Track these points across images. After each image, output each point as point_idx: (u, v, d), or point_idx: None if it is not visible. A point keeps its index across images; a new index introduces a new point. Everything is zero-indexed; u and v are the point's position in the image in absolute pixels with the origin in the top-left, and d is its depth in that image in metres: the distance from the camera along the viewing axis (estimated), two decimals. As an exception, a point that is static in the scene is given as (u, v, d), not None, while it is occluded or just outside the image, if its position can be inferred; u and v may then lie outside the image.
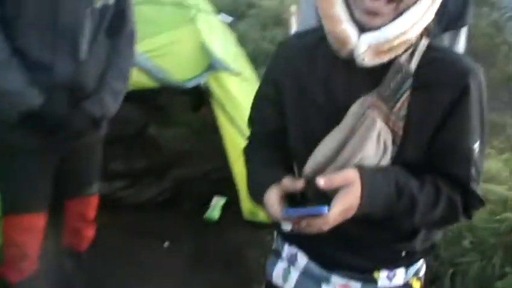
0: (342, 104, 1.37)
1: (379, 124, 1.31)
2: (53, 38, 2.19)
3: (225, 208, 4.05)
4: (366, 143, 1.31)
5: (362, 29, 1.30)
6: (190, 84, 3.23)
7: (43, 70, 2.20)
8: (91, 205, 2.78)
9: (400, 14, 1.28)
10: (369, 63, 1.31)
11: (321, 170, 1.35)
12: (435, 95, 1.36)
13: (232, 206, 3.93)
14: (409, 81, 1.33)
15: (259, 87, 1.66)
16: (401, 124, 1.34)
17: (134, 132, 4.28)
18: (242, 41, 6.95)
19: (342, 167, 1.31)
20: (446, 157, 1.39)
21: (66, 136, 2.33)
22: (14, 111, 2.17)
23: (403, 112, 1.34)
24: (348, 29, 1.30)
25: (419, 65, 1.35)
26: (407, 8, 1.28)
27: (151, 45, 3.15)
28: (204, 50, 3.29)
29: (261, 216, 3.62)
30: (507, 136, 5.19)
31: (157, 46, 3.17)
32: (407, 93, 1.33)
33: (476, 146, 1.38)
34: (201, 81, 3.28)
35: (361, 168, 1.30)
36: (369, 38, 1.29)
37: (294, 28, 5.91)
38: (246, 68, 4.08)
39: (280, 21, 7.93)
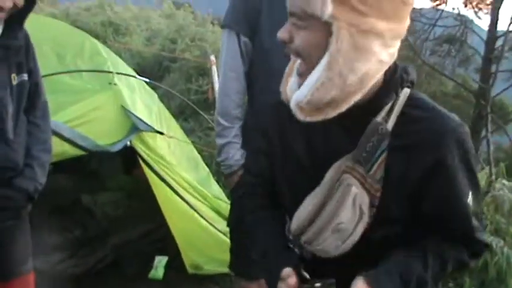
0: (322, 164, 1.37)
1: (354, 189, 1.30)
2: None
3: (168, 266, 4.03)
4: (341, 208, 1.30)
5: None
6: (116, 148, 3.23)
7: None
8: (29, 284, 2.72)
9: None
10: (307, 119, 1.29)
11: (304, 229, 1.35)
12: (414, 156, 1.32)
13: (174, 262, 3.94)
14: (386, 142, 1.31)
15: (252, 138, 1.70)
16: (379, 186, 1.32)
17: (68, 202, 4.23)
18: (168, 96, 7.03)
19: (321, 230, 1.31)
20: (442, 217, 1.37)
21: (4, 217, 2.33)
22: None
23: (380, 174, 1.32)
24: (288, 87, 1.39)
25: (397, 124, 1.32)
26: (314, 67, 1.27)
27: (73, 114, 3.15)
28: (126, 113, 3.31)
29: (205, 268, 3.64)
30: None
31: (79, 114, 3.17)
32: (385, 154, 1.32)
33: (469, 199, 1.36)
34: (127, 143, 3.29)
35: (367, 276, 1.31)
36: (294, 97, 1.31)
37: (215, 78, 6.01)
38: (171, 125, 4.12)
39: (204, 71, 8.03)
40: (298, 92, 1.29)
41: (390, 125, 1.32)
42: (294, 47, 1.28)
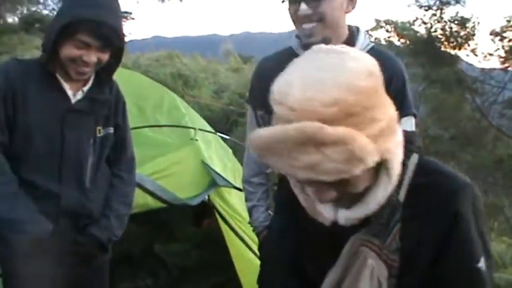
0: (342, 241, 1.38)
1: (371, 261, 1.32)
2: (59, 169, 2.31)
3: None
4: (359, 281, 1.32)
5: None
6: (195, 202, 3.34)
7: (51, 199, 2.30)
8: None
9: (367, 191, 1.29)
10: (349, 224, 1.33)
11: None
12: (428, 223, 1.33)
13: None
14: (399, 213, 1.33)
15: (276, 221, 1.70)
16: (395, 256, 1.33)
17: (140, 251, 4.34)
18: (237, 150, 7.16)
19: None
20: (455, 282, 1.35)
21: (75, 262, 2.38)
22: (25, 240, 2.22)
23: (396, 245, 1.33)
24: (320, 210, 1.36)
25: (407, 194, 1.33)
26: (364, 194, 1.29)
27: (155, 168, 3.28)
28: (205, 168, 3.42)
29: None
30: (506, 218, 5.22)
31: (161, 168, 3.30)
32: (398, 225, 1.33)
33: (481, 263, 1.32)
34: (205, 198, 3.39)
35: None
36: (346, 214, 1.32)
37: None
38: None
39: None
40: (351, 212, 1.32)
41: (402, 195, 1.33)
42: (349, 192, 1.26)
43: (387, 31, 15.58)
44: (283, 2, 2.15)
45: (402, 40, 14.79)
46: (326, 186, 1.21)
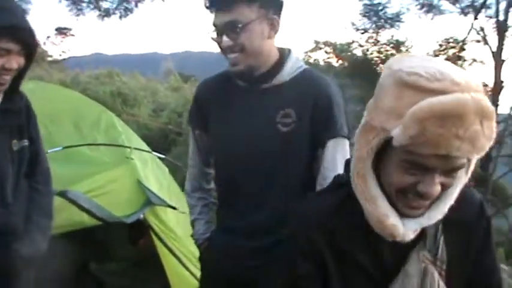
0: (390, 271, 1.43)
1: (436, 276, 1.42)
2: None
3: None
4: None
5: (401, 214, 1.37)
6: (130, 220, 3.36)
7: None
8: None
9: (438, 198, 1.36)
10: (410, 239, 1.39)
11: None
12: (464, 232, 1.47)
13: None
14: (440, 226, 1.44)
15: (294, 264, 1.54)
16: (444, 266, 1.44)
17: (76, 270, 4.31)
18: (174, 169, 7.17)
19: None
20: (491, 273, 1.54)
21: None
22: None
23: (444, 256, 1.44)
24: (396, 223, 1.36)
25: None
26: (447, 192, 1.36)
27: (91, 185, 3.30)
28: (141, 187, 3.46)
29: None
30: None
31: (97, 186, 3.32)
32: (442, 236, 1.44)
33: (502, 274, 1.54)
34: (140, 216, 3.42)
35: None
36: (415, 224, 1.38)
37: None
38: (179, 200, 4.26)
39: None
40: (426, 219, 1.38)
41: None
42: (441, 190, 1.33)
43: (326, 52, 15.96)
44: (211, 32, 2.22)
45: (340, 62, 15.19)
46: (437, 178, 1.29)
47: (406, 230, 1.36)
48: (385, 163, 1.35)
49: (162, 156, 4.64)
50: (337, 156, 2.19)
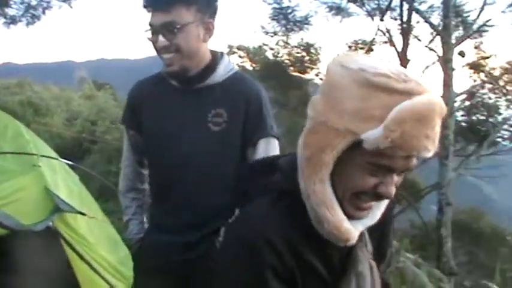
0: (337, 275, 1.45)
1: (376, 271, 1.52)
2: None
3: None
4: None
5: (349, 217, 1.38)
6: (39, 228, 3.31)
7: None
8: None
9: None
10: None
11: None
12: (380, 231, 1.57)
13: None
14: None
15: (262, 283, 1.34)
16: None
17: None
18: (88, 177, 7.08)
19: None
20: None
21: None
22: None
23: (371, 248, 1.54)
24: (349, 227, 1.36)
25: None
26: None
27: (-3, 195, 3.22)
28: (49, 194, 3.42)
29: None
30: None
31: (4, 195, 3.24)
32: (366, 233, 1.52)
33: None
34: (49, 223, 3.38)
35: None
36: (361, 225, 1.42)
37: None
38: (91, 206, 4.22)
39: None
40: (369, 219, 1.44)
41: None
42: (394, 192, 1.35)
43: (240, 57, 16.11)
44: (146, 31, 2.25)
45: (254, 65, 15.37)
46: (395, 177, 1.32)
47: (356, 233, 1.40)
48: (343, 166, 1.32)
49: (70, 163, 4.56)
50: (267, 155, 2.25)
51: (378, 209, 1.45)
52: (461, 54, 8.68)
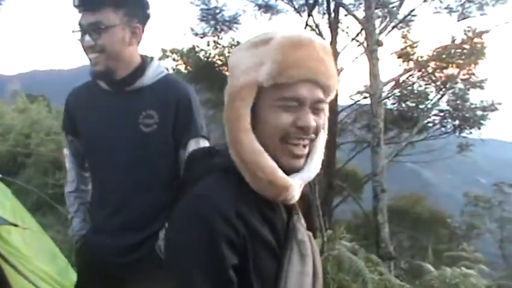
0: (282, 241, 1.50)
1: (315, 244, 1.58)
2: None
3: None
4: (317, 261, 1.56)
5: (285, 171, 1.45)
6: (-30, 244, 3.31)
7: None
8: None
9: (308, 153, 1.50)
10: (296, 199, 1.50)
11: None
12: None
13: None
14: None
15: (216, 252, 1.35)
16: None
17: None
18: (24, 192, 7.00)
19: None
20: None
21: None
22: None
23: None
24: (285, 176, 1.44)
25: None
26: (315, 146, 1.51)
27: None
28: (-21, 209, 3.42)
29: None
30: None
31: None
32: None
33: None
34: (-19, 239, 3.37)
35: None
36: (299, 179, 1.48)
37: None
38: (26, 220, 4.21)
39: (61, 165, 8.06)
40: (306, 171, 1.51)
41: None
42: (315, 129, 1.46)
43: (174, 60, 16.09)
44: (73, 32, 2.31)
45: (188, 67, 15.37)
46: (310, 113, 1.43)
47: (295, 186, 1.46)
48: (261, 116, 1.44)
49: (2, 177, 4.52)
50: None
51: (313, 163, 1.52)
52: (379, 43, 8.93)
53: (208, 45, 14.02)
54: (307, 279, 1.49)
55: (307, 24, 12.98)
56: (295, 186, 1.46)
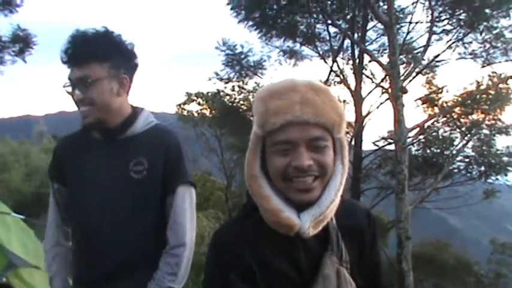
0: (308, 273, 1.57)
1: (347, 275, 1.59)
2: None
3: None
4: None
5: (298, 207, 1.52)
6: (-8, 285, 3.32)
7: None
8: None
9: (325, 186, 1.54)
10: (311, 234, 1.52)
11: None
12: (358, 239, 1.67)
13: None
14: (339, 233, 1.62)
15: (226, 283, 1.54)
16: (349, 266, 1.61)
17: None
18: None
19: None
20: (379, 263, 1.78)
21: None
22: None
23: (348, 258, 1.61)
24: (290, 215, 1.51)
25: (336, 216, 1.61)
26: (329, 180, 1.54)
27: None
28: (2, 250, 3.43)
29: None
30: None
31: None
32: (343, 243, 1.61)
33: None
34: (2, 279, 3.38)
35: None
36: (309, 215, 1.52)
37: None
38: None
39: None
40: (316, 207, 1.53)
41: (333, 219, 1.62)
42: (317, 166, 1.51)
43: (199, 104, 16.23)
44: (64, 86, 2.35)
45: (213, 112, 15.46)
46: (304, 153, 1.48)
47: (302, 222, 1.51)
48: (267, 161, 1.54)
49: (23, 217, 4.55)
50: (185, 201, 2.37)
51: (326, 199, 1.55)
52: (403, 90, 8.89)
53: (233, 90, 14.14)
54: None
55: (331, 70, 13.02)
56: (304, 223, 1.51)
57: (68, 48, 2.30)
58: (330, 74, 13.11)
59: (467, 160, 13.79)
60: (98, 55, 2.29)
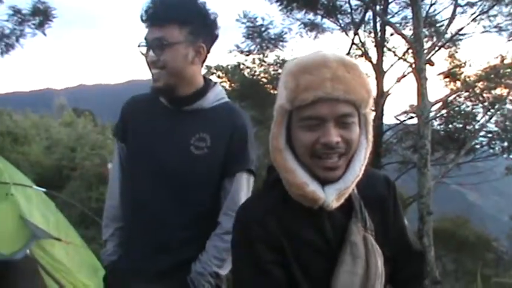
0: (335, 243, 1.61)
1: (374, 241, 1.62)
2: None
3: None
4: (379, 258, 1.61)
5: (322, 181, 1.57)
6: (18, 257, 3.32)
7: None
8: None
9: (349, 162, 1.59)
10: (335, 206, 1.57)
11: None
12: (380, 207, 1.70)
13: None
14: (362, 202, 1.66)
15: (254, 253, 1.61)
16: (373, 234, 1.64)
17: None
18: (69, 204, 7.06)
19: (374, 285, 1.59)
20: (405, 231, 1.79)
21: None
22: None
23: (371, 225, 1.64)
24: (315, 189, 1.55)
25: (357, 186, 1.65)
26: (354, 155, 1.59)
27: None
28: (24, 222, 3.43)
29: None
30: None
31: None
32: (366, 211, 1.65)
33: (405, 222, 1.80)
34: (26, 252, 3.39)
35: None
36: (334, 189, 1.57)
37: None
38: (69, 233, 4.22)
39: (105, 179, 8.13)
40: (341, 182, 1.58)
41: (355, 189, 1.66)
42: (344, 142, 1.54)
43: (219, 77, 16.15)
44: (139, 46, 2.30)
45: (233, 85, 15.40)
46: (332, 129, 1.51)
47: (327, 196, 1.56)
48: (293, 137, 1.58)
49: (44, 190, 4.55)
50: (242, 190, 2.31)
51: (351, 174, 1.59)
52: (430, 63, 8.76)
53: (254, 63, 14.03)
54: (356, 279, 1.57)
55: (353, 43, 12.85)
56: (328, 197, 1.56)
57: (149, 8, 2.25)
58: (351, 47, 12.94)
59: (490, 135, 13.60)
60: (179, 18, 2.24)
